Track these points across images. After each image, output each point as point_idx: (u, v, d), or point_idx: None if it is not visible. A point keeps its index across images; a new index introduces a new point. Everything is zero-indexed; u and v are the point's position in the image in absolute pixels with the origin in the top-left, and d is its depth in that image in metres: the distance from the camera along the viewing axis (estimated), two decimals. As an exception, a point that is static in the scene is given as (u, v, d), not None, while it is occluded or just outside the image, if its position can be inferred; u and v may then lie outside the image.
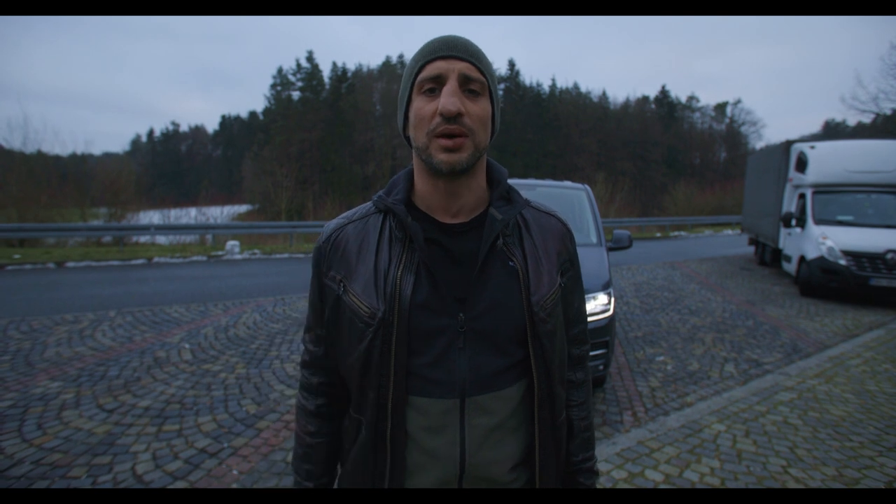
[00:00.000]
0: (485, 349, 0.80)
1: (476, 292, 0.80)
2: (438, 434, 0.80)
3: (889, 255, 7.28)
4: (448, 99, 0.73)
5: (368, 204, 0.90)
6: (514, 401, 0.83)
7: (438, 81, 0.76)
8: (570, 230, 0.96)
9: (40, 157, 18.15)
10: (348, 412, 0.90)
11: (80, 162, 23.73)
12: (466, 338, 0.79)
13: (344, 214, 0.91)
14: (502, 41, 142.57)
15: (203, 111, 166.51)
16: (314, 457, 0.93)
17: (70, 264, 10.27)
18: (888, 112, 19.61)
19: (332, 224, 0.90)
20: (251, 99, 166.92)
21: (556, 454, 0.89)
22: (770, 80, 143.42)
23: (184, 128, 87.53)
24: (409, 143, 0.82)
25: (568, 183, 5.30)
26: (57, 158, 20.75)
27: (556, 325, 0.86)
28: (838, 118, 57.19)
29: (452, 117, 0.73)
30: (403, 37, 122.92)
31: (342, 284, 0.84)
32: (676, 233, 22.80)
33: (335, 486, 0.97)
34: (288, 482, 2.61)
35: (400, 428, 0.80)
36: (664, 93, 63.52)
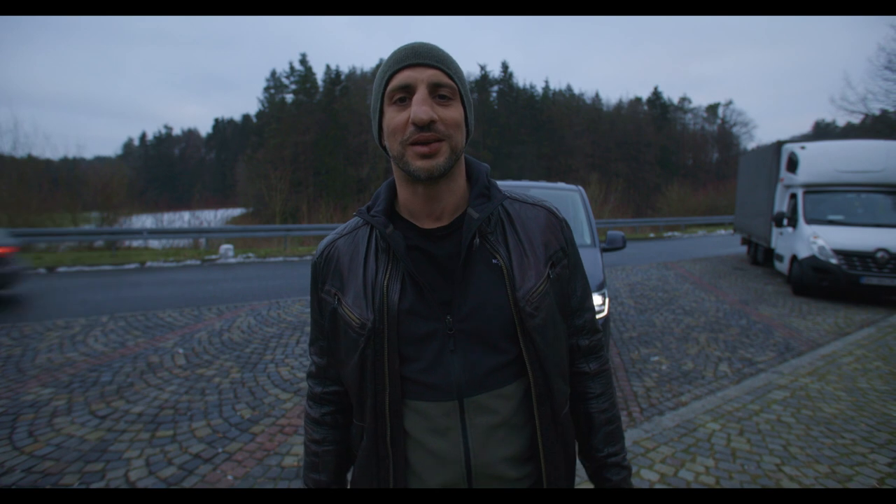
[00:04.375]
0: (477, 349, 0.81)
1: (460, 294, 0.81)
2: (442, 436, 0.80)
3: (879, 254, 7.35)
4: (419, 108, 0.74)
5: (358, 217, 0.92)
6: (515, 398, 0.83)
7: (408, 91, 0.76)
8: (561, 218, 0.94)
9: (31, 161, 17.96)
10: (353, 421, 0.91)
11: (71, 166, 23.59)
12: (457, 340, 0.80)
13: (335, 230, 0.95)
14: (496, 44, 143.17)
15: (196, 114, 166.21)
16: (320, 465, 0.95)
17: (62, 269, 10.17)
18: (877, 112, 19.81)
19: (324, 240, 0.94)
20: (245, 102, 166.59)
21: (563, 450, 0.89)
22: (761, 81, 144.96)
23: (177, 131, 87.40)
24: (387, 152, 0.83)
25: (561, 184, 5.33)
26: (48, 163, 20.60)
27: (546, 319, 0.85)
28: (828, 119, 57.92)
29: (425, 125, 0.74)
30: (398, 38, 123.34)
31: (336, 297, 0.87)
32: (670, 233, 22.93)
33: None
34: (282, 486, 2.60)
35: (399, 431, 0.82)
36: (656, 94, 63.93)
